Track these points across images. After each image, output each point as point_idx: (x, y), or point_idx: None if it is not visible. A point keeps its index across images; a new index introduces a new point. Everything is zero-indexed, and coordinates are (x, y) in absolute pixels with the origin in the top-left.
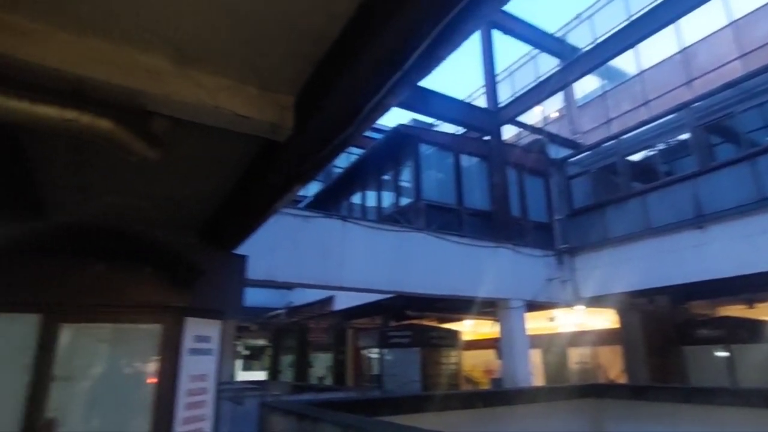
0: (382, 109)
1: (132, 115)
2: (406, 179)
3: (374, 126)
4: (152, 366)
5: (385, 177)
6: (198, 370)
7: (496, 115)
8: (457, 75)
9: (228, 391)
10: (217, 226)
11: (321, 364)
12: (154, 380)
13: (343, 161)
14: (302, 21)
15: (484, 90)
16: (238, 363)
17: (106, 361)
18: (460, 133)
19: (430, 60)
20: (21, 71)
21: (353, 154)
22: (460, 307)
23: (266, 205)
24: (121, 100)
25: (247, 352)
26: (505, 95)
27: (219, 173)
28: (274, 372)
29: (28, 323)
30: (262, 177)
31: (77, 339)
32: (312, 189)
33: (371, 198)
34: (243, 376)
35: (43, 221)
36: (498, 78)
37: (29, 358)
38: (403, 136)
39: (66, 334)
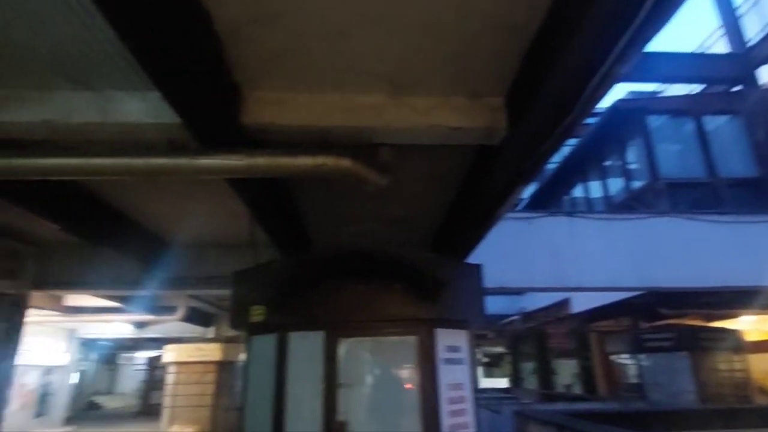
0: (610, 82)
1: (363, 150)
2: (634, 160)
3: None
4: (413, 375)
5: (608, 162)
6: (454, 378)
7: (745, 57)
8: (678, 28)
9: (480, 399)
10: (447, 238)
11: (566, 371)
12: (415, 388)
13: (555, 156)
14: (503, 16)
15: (721, 33)
16: (479, 370)
17: (376, 371)
18: (696, 92)
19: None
20: (281, 133)
21: (566, 145)
22: (732, 300)
23: (490, 212)
24: (354, 138)
25: (486, 360)
26: (753, 30)
27: (438, 189)
28: (515, 379)
29: (316, 339)
30: (480, 184)
31: (352, 351)
32: (526, 191)
33: (595, 188)
34: (485, 383)
35: (309, 253)
36: (740, 11)
37: (320, 368)
38: (623, 112)
39: (343, 347)
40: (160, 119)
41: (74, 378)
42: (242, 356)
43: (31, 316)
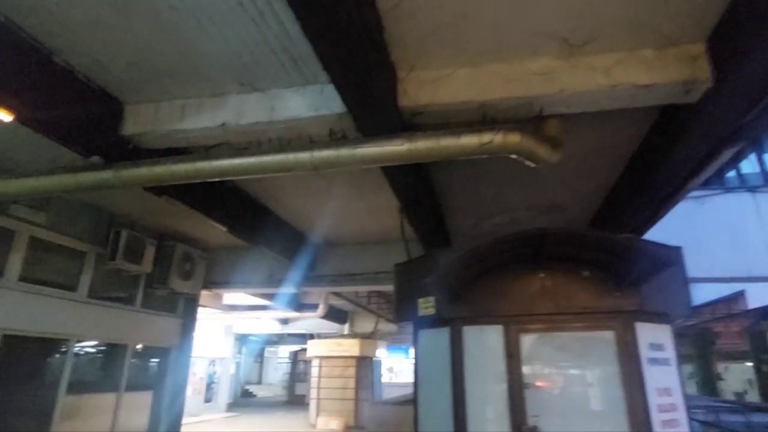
0: None
1: (531, 123)
2: None
3: None
4: (613, 377)
5: None
6: (661, 382)
7: None
8: None
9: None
10: (608, 224)
11: (735, 376)
12: (617, 392)
13: None
14: None
15: None
16: None
17: (568, 370)
18: None
19: None
20: (439, 114)
21: None
22: None
23: (678, 186)
24: (519, 111)
25: None
26: None
27: (605, 165)
28: None
29: (494, 334)
30: (666, 153)
31: (536, 348)
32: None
33: None
34: None
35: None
36: None
37: (501, 366)
38: None
39: (526, 343)
40: (319, 112)
41: (232, 369)
42: (379, 352)
43: (199, 313)
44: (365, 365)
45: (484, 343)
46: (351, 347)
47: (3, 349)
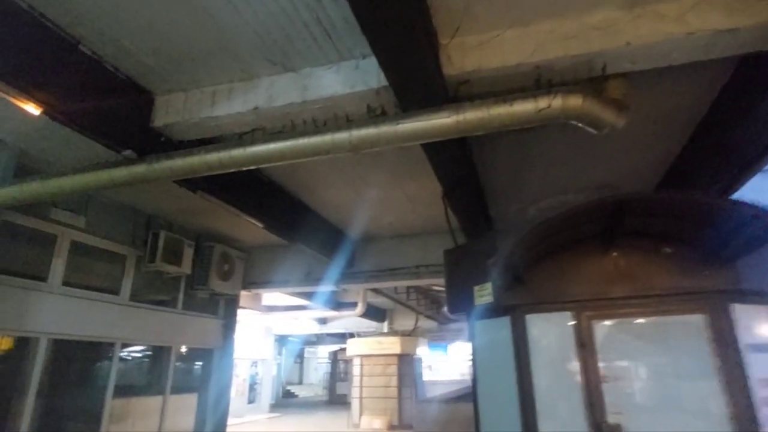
0: None
1: (593, 84)
2: None
3: None
4: (706, 366)
5: None
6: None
7: None
8: None
9: None
10: None
11: None
12: (715, 384)
13: None
14: None
15: None
16: None
17: (651, 360)
18: None
19: None
20: (487, 80)
21: None
22: None
23: (760, 151)
24: (579, 71)
25: None
26: None
27: (668, 133)
28: None
29: (562, 321)
30: (743, 115)
31: (613, 336)
32: None
33: None
34: None
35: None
36: None
37: (573, 357)
38: None
39: (600, 331)
40: (355, 88)
41: (273, 370)
42: (420, 350)
43: (239, 315)
44: (407, 363)
45: (552, 332)
46: (392, 345)
47: (52, 353)
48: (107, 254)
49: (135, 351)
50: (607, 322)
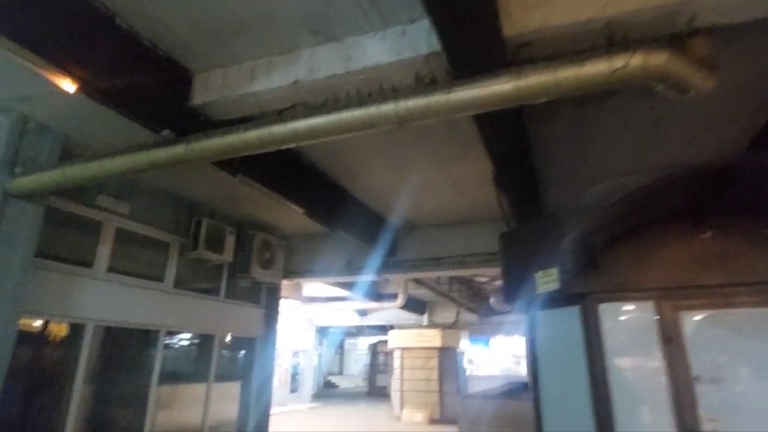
0: None
1: (673, 42)
2: None
3: None
4: None
5: None
6: None
7: None
8: None
9: None
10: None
11: None
12: None
13: None
14: None
15: None
16: None
17: (755, 358)
18: None
19: None
20: (553, 39)
21: None
22: None
23: None
24: (660, 26)
25: None
26: None
27: (751, 103)
28: None
29: (643, 312)
30: None
31: (706, 330)
32: None
33: None
34: None
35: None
36: None
37: (657, 353)
38: None
39: (690, 324)
40: (402, 55)
41: (315, 361)
42: (462, 343)
43: (281, 305)
44: (448, 356)
45: (631, 324)
46: (432, 338)
47: (99, 340)
48: (151, 241)
49: (180, 339)
50: (698, 314)
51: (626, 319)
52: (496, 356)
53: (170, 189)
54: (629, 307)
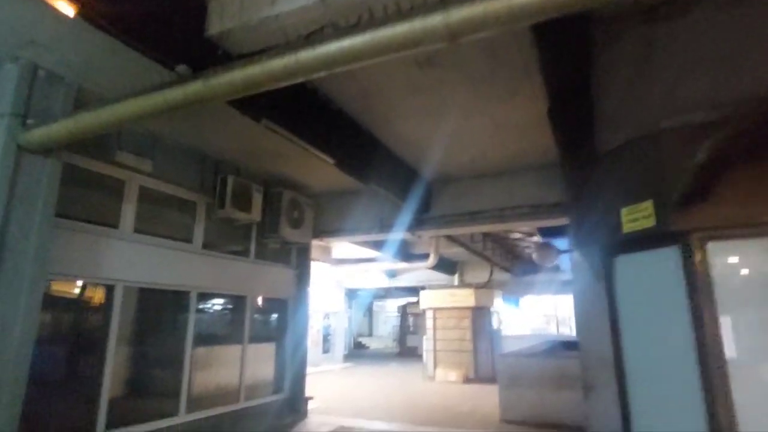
0: None
1: None
2: None
3: None
4: None
5: None
6: None
7: None
8: None
9: None
10: None
11: None
12: None
13: None
14: None
15: None
16: None
17: None
18: None
19: None
20: None
21: None
22: None
23: None
24: None
25: None
26: None
27: None
28: None
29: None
30: None
31: None
32: None
33: None
34: None
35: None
36: None
37: None
38: None
39: None
40: None
41: (345, 322)
42: (496, 302)
43: (311, 267)
44: (481, 316)
45: (749, 266)
46: (466, 298)
47: (132, 302)
48: (177, 201)
49: (214, 301)
50: None
51: (744, 260)
52: (527, 316)
53: (193, 145)
54: (748, 245)
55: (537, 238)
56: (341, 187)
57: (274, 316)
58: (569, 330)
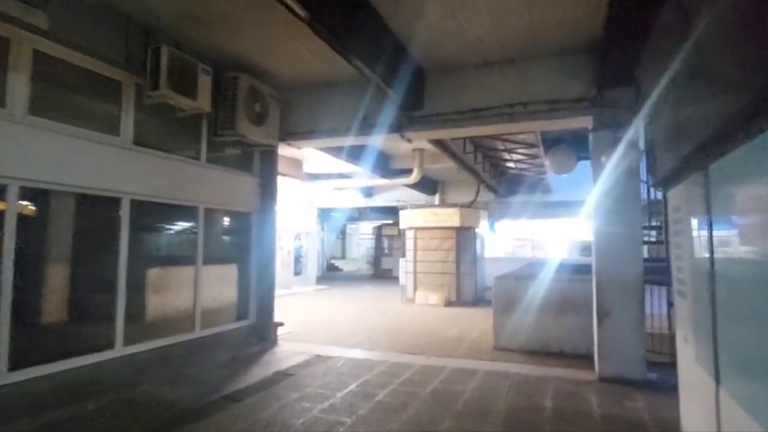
0: None
1: None
2: None
3: None
4: None
5: None
6: None
7: None
8: None
9: None
10: None
11: None
12: None
13: None
14: None
15: None
16: None
17: None
18: None
19: None
20: None
21: None
22: None
23: None
24: None
25: None
26: None
27: None
28: None
29: None
30: None
31: None
32: None
33: None
34: None
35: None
36: None
37: None
38: None
39: None
40: None
41: (318, 244)
42: (480, 223)
43: (280, 182)
44: (466, 237)
45: None
46: (450, 217)
47: (43, 210)
48: (94, 78)
49: (157, 212)
50: None
51: None
52: (501, 240)
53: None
54: None
55: (538, 152)
56: (314, 78)
57: (236, 233)
58: (544, 254)
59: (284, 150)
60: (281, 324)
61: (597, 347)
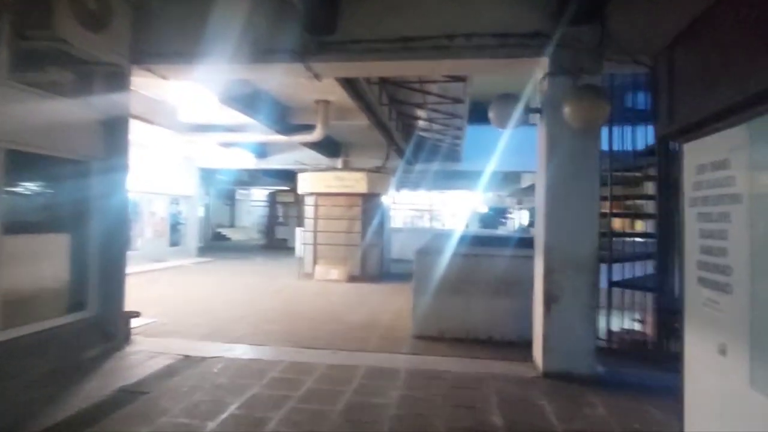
0: None
1: None
2: None
3: None
4: None
5: None
6: None
7: None
8: None
9: None
10: None
11: None
12: None
13: None
14: None
15: None
16: None
17: None
18: None
19: None
20: None
21: None
22: None
23: None
24: None
25: None
26: None
27: None
28: None
29: None
30: None
31: None
32: None
33: None
34: None
35: None
36: None
37: None
38: None
39: None
40: None
41: (200, 210)
42: (389, 190)
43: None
44: (373, 205)
45: None
46: (356, 182)
47: None
48: None
49: None
50: None
51: None
52: (400, 210)
53: None
54: None
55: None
56: None
57: (66, 190)
58: (442, 225)
59: (149, 86)
60: (137, 314)
61: (543, 338)
